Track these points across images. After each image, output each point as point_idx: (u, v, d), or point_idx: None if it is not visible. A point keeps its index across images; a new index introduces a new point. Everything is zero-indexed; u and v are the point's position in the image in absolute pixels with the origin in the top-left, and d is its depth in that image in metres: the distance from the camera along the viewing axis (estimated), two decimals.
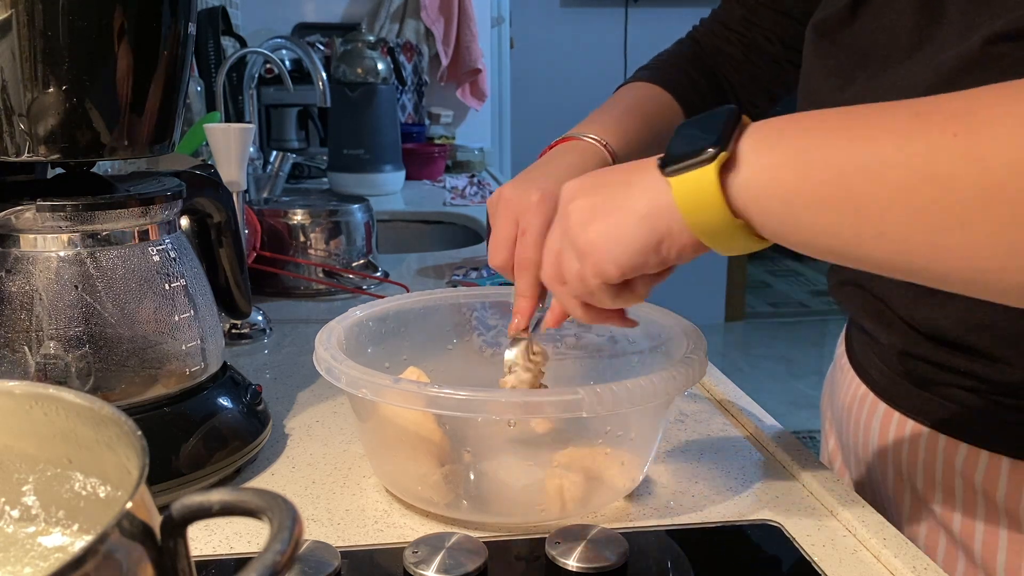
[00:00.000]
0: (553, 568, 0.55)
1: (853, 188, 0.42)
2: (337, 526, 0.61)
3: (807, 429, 3.04)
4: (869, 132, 0.43)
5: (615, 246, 0.51)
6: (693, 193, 0.47)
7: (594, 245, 0.52)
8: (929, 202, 0.40)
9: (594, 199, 0.53)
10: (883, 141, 0.42)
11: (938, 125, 0.40)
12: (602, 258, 0.52)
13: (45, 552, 0.37)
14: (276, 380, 0.90)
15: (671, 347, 0.68)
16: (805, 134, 0.45)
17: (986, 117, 0.39)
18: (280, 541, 0.27)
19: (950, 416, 0.67)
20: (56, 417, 0.36)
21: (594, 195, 0.53)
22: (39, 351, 0.61)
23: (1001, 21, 0.52)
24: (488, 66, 2.91)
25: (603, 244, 0.52)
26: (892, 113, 0.43)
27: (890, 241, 0.42)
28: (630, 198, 0.51)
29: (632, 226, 0.50)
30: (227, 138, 0.99)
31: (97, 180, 0.67)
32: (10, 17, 0.56)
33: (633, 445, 0.64)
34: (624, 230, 0.51)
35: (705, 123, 0.48)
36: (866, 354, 0.77)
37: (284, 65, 1.57)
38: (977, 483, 0.65)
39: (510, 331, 0.67)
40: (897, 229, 0.41)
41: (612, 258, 0.51)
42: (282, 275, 1.24)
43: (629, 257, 0.51)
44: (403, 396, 0.57)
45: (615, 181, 0.53)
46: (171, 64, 0.64)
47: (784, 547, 0.59)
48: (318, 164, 2.26)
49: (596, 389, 0.55)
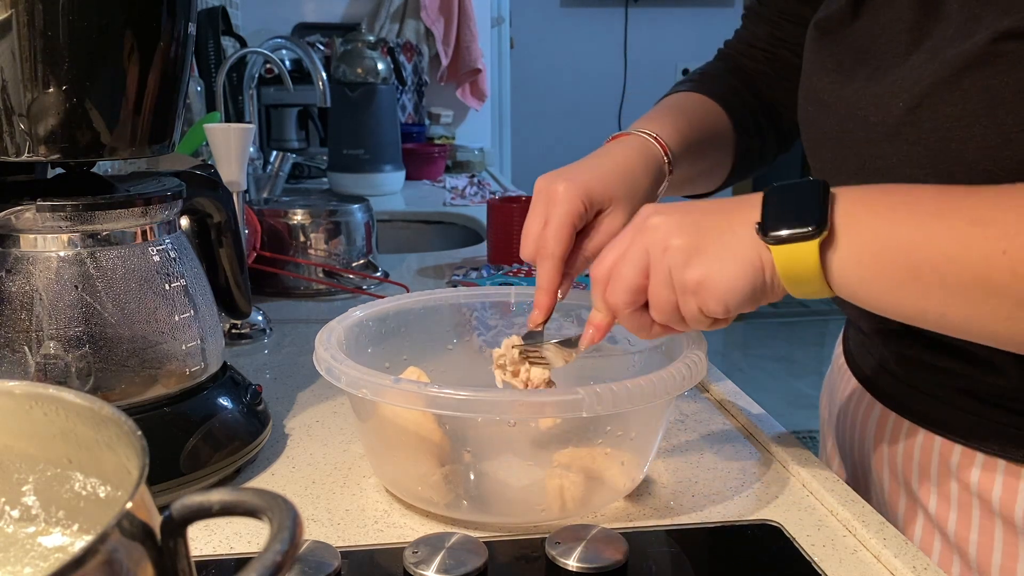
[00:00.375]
0: (553, 568, 0.55)
1: (922, 278, 0.50)
2: (337, 526, 0.61)
3: (807, 429, 3.04)
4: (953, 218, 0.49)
5: (728, 289, 0.55)
6: (794, 261, 0.53)
7: (705, 286, 0.55)
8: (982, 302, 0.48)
9: (699, 241, 0.56)
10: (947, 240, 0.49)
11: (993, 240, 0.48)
12: (712, 297, 0.55)
13: (45, 552, 0.37)
14: (276, 380, 0.90)
15: (671, 347, 0.68)
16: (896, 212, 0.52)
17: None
18: (280, 541, 0.27)
19: (946, 418, 0.67)
20: (56, 417, 0.36)
21: (698, 237, 0.56)
22: (39, 351, 0.61)
23: (1009, 19, 0.52)
24: (488, 66, 2.91)
25: (715, 286, 0.55)
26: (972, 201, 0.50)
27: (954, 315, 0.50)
28: (737, 247, 0.55)
29: (743, 276, 0.54)
30: (227, 138, 0.99)
31: (97, 180, 0.67)
32: (10, 17, 0.56)
33: (633, 445, 0.64)
34: (736, 278, 0.54)
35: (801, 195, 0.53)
36: (863, 355, 0.77)
37: (284, 65, 1.57)
38: (972, 484, 0.65)
39: (529, 324, 0.68)
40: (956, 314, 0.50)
41: (723, 299, 0.55)
42: (282, 275, 1.24)
43: (736, 301, 0.55)
44: (403, 396, 0.57)
45: (715, 226, 0.56)
46: (171, 64, 0.64)
47: (784, 547, 0.59)
48: (318, 164, 2.26)
49: (596, 389, 0.55)
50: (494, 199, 1.43)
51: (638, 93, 4.19)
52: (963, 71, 0.54)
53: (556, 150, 4.14)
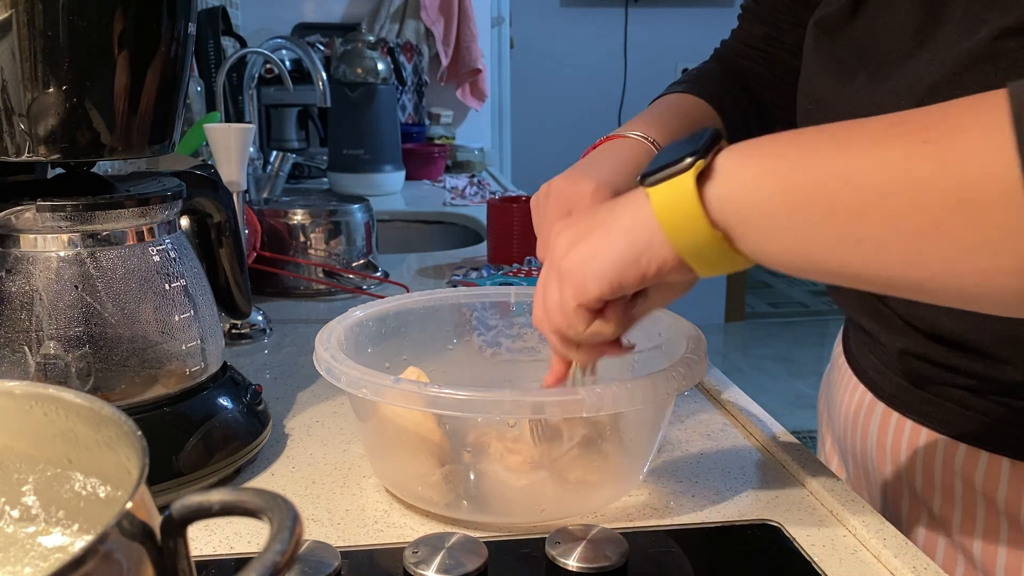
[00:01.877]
0: (553, 568, 0.55)
1: (831, 194, 0.43)
2: (337, 526, 0.61)
3: (807, 429, 3.04)
4: (845, 142, 0.43)
5: (595, 261, 0.51)
6: (671, 202, 0.47)
7: (574, 263, 0.52)
8: (905, 206, 0.41)
9: (579, 227, 0.53)
10: (859, 149, 0.42)
11: (912, 133, 0.41)
12: (583, 275, 0.51)
13: (45, 552, 0.37)
14: (276, 380, 0.90)
15: (671, 347, 0.68)
16: (783, 146, 0.46)
17: (958, 124, 0.40)
18: (280, 541, 0.27)
19: (950, 417, 0.67)
20: (56, 417, 0.36)
21: (579, 224, 0.53)
22: (39, 351, 0.61)
23: (1010, 16, 0.52)
24: (488, 66, 2.91)
25: (584, 260, 0.51)
26: (868, 125, 0.43)
27: (868, 249, 0.42)
28: (612, 216, 0.51)
29: (612, 240, 0.50)
30: (227, 138, 0.99)
31: (97, 180, 0.67)
32: (10, 17, 0.56)
33: (633, 445, 0.64)
34: (604, 245, 0.51)
35: (686, 140, 0.49)
36: (864, 354, 0.77)
37: (284, 65, 1.57)
38: (977, 484, 0.65)
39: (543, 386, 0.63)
40: (875, 235, 0.42)
41: (591, 271, 0.51)
42: (282, 275, 1.24)
43: (608, 270, 0.50)
44: (403, 396, 0.57)
45: (603, 209, 0.53)
46: (171, 64, 0.64)
47: (784, 547, 0.59)
48: (318, 164, 2.26)
49: (596, 389, 0.55)
50: (494, 199, 1.43)
51: (638, 93, 4.19)
52: (965, 70, 0.54)
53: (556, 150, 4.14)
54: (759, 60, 0.85)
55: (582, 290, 0.52)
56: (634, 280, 0.50)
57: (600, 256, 0.51)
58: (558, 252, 0.54)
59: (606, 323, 0.54)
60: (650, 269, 0.50)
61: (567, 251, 0.53)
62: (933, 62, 0.57)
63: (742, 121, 0.83)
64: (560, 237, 0.54)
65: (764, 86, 0.85)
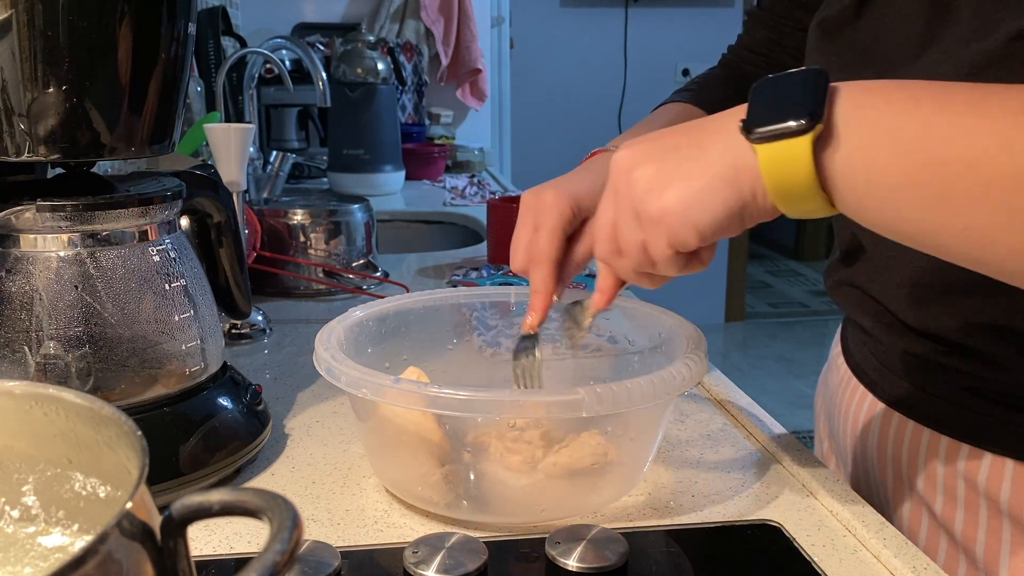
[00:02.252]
0: (553, 568, 0.55)
1: (947, 178, 0.41)
2: (337, 526, 0.61)
3: (807, 429, 3.04)
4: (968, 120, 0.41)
5: (697, 211, 0.48)
6: (783, 163, 0.45)
7: (670, 211, 0.49)
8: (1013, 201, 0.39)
9: (662, 164, 0.49)
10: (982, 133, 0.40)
11: None
12: (680, 224, 0.49)
13: (45, 552, 0.37)
14: (276, 380, 0.90)
15: (671, 347, 0.68)
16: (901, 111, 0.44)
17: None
18: (280, 541, 0.27)
19: (952, 418, 0.67)
20: (56, 417, 0.36)
21: (662, 160, 0.50)
22: (39, 351, 0.61)
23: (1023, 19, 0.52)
24: (488, 66, 2.91)
25: (682, 209, 0.48)
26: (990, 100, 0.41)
27: (976, 236, 0.41)
28: (708, 160, 0.48)
29: (715, 190, 0.47)
30: (227, 138, 0.99)
31: (97, 180, 0.67)
32: (10, 17, 0.56)
33: (633, 445, 0.64)
34: (706, 195, 0.48)
35: (794, 85, 0.46)
36: (864, 354, 0.77)
37: (284, 65, 1.57)
38: (980, 485, 0.65)
39: (523, 328, 0.66)
40: (987, 224, 0.40)
41: (693, 223, 0.48)
42: (282, 275, 1.24)
43: (713, 222, 0.48)
44: (403, 396, 0.57)
45: (684, 143, 0.50)
46: (171, 64, 0.64)
47: (784, 547, 0.59)
48: (318, 164, 2.26)
49: (596, 389, 0.55)
50: (494, 199, 1.43)
51: (638, 93, 4.19)
52: (979, 71, 0.54)
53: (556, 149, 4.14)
54: (763, 65, 0.85)
55: (679, 240, 0.50)
56: (736, 230, 0.49)
57: (703, 208, 0.48)
58: (640, 192, 0.50)
59: (699, 263, 0.52)
60: (751, 221, 0.48)
61: (656, 193, 0.49)
62: (943, 63, 0.57)
63: None
64: (638, 172, 0.50)
65: None
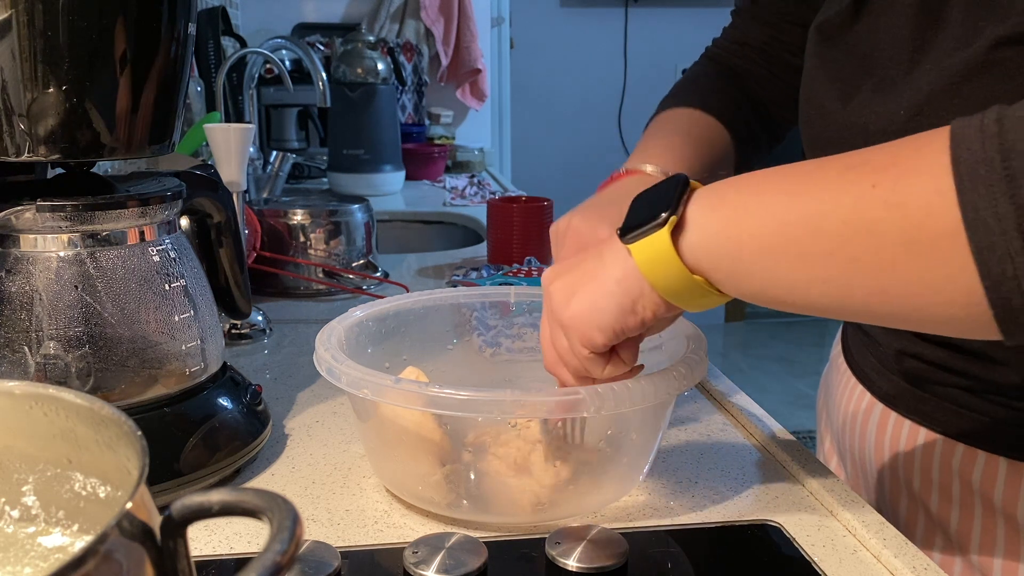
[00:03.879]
0: (553, 568, 0.55)
1: (794, 239, 0.46)
2: (337, 526, 0.61)
3: (807, 429, 3.04)
4: (804, 188, 0.46)
5: (596, 313, 0.54)
6: (651, 257, 0.50)
7: (576, 316, 0.55)
8: (861, 248, 0.43)
9: (571, 276, 0.56)
10: (816, 195, 0.45)
11: (864, 177, 0.43)
12: (586, 326, 0.54)
13: (45, 552, 0.37)
14: (276, 380, 0.90)
15: (671, 347, 0.68)
16: (746, 194, 0.49)
17: (905, 168, 0.42)
18: (280, 541, 0.27)
19: (947, 417, 0.67)
20: (56, 417, 0.36)
21: (570, 273, 0.56)
22: (39, 351, 0.61)
23: (1006, 25, 0.52)
24: (488, 66, 2.91)
25: (585, 313, 0.54)
26: (824, 169, 0.46)
27: (835, 287, 0.45)
28: (603, 268, 0.54)
29: (608, 293, 0.53)
30: (227, 138, 0.99)
31: (97, 180, 0.67)
32: (10, 17, 0.56)
33: (634, 445, 0.64)
34: (601, 297, 0.54)
35: (657, 193, 0.52)
36: (863, 354, 0.77)
37: (284, 65, 1.57)
38: (975, 484, 0.65)
39: None
40: (839, 275, 0.44)
41: (595, 324, 0.54)
42: (282, 275, 1.23)
43: (610, 321, 0.54)
44: (404, 396, 0.57)
45: (591, 257, 0.56)
46: (171, 64, 0.64)
47: (784, 547, 0.59)
48: (318, 164, 2.26)
49: (598, 389, 0.55)
50: (494, 199, 1.43)
51: (638, 93, 4.19)
52: (963, 79, 0.54)
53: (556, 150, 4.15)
54: (758, 61, 0.84)
55: (589, 341, 0.55)
56: (634, 326, 0.54)
57: (599, 309, 0.54)
58: (556, 304, 0.57)
59: (621, 363, 0.57)
60: (647, 314, 0.53)
61: (565, 304, 0.56)
62: (932, 71, 0.57)
63: (748, 132, 0.82)
64: (554, 287, 0.57)
65: (763, 85, 0.84)
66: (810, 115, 0.70)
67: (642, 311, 0.53)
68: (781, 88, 0.83)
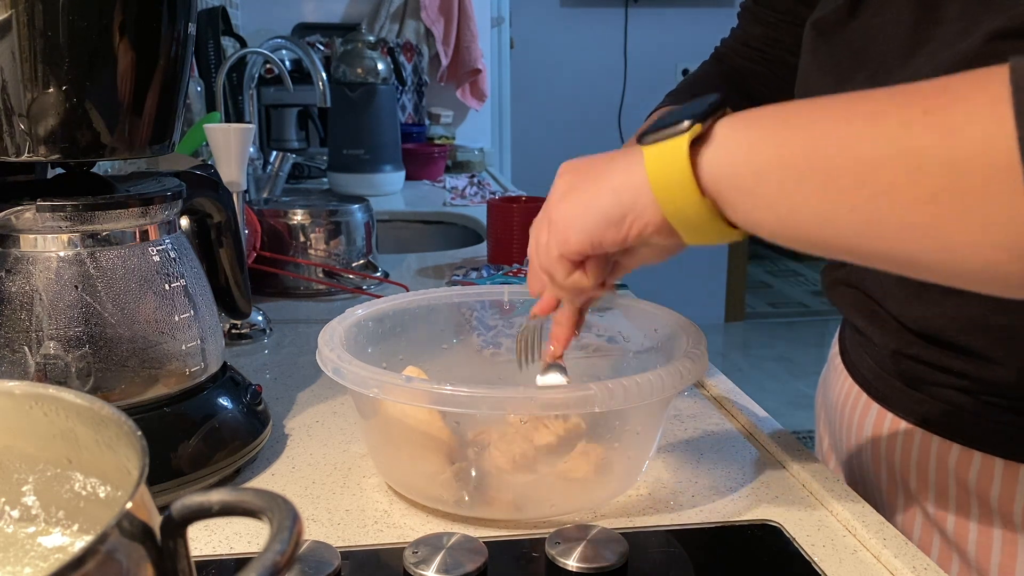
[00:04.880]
0: (553, 568, 0.55)
1: (827, 161, 0.42)
2: (337, 526, 0.61)
3: (807, 429, 3.04)
4: (847, 112, 0.43)
5: (580, 216, 0.52)
6: (663, 163, 0.47)
7: (562, 215, 0.53)
8: (901, 176, 0.40)
9: (576, 176, 0.54)
10: (857, 118, 0.42)
11: (914, 103, 0.40)
12: (567, 227, 0.52)
13: (45, 552, 0.37)
14: (276, 380, 0.90)
15: (669, 344, 0.68)
16: (783, 115, 0.46)
17: (959, 96, 0.40)
18: (280, 541, 0.27)
19: (943, 417, 0.67)
20: (56, 417, 0.36)
21: (577, 172, 0.54)
22: (39, 351, 0.61)
23: (1003, 18, 0.52)
24: (488, 66, 2.91)
25: (571, 214, 0.52)
26: (872, 96, 0.43)
27: (862, 218, 0.42)
28: (608, 172, 0.52)
29: (600, 197, 0.51)
30: (227, 138, 0.99)
31: (97, 180, 0.67)
32: (10, 17, 0.56)
33: (635, 441, 0.64)
34: (593, 200, 0.51)
35: (690, 105, 0.49)
36: (859, 354, 0.77)
37: (284, 65, 1.57)
38: (970, 484, 0.65)
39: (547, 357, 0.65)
40: (869, 204, 0.41)
41: (575, 226, 0.52)
42: (282, 275, 1.24)
43: (591, 227, 0.51)
44: (414, 395, 0.57)
45: (602, 159, 0.54)
46: (171, 64, 0.64)
47: (784, 547, 0.59)
48: (318, 164, 2.26)
49: (608, 384, 0.56)
50: (494, 199, 1.43)
51: (638, 93, 4.19)
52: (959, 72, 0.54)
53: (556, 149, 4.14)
54: (759, 60, 0.85)
55: (564, 242, 0.53)
56: (614, 239, 0.51)
57: (586, 212, 0.51)
58: (553, 196, 0.55)
59: (584, 276, 0.55)
60: (632, 230, 0.50)
61: (560, 199, 0.54)
62: (927, 64, 0.57)
63: None
64: (559, 180, 0.55)
65: (764, 85, 0.84)
66: None
67: (628, 225, 0.50)
68: (781, 87, 0.83)
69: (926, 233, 0.40)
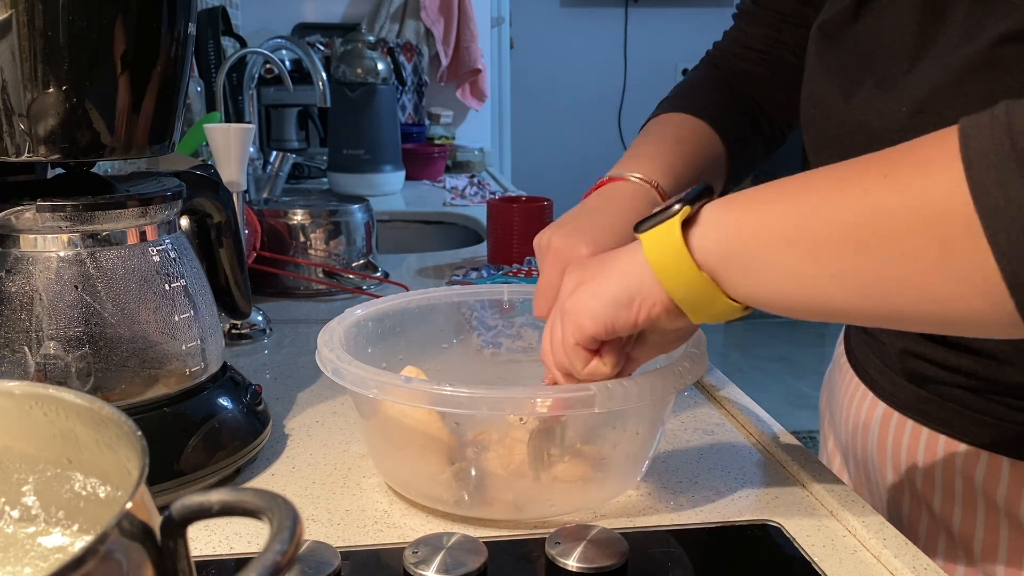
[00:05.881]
0: (553, 568, 0.55)
1: (807, 229, 0.46)
2: (337, 526, 0.61)
3: (807, 429, 3.04)
4: (816, 183, 0.47)
5: (591, 302, 0.54)
6: (659, 246, 0.51)
7: (575, 304, 0.55)
8: (873, 236, 0.43)
9: (583, 272, 0.57)
10: (828, 187, 0.46)
11: (875, 169, 0.44)
12: (580, 315, 0.55)
13: (45, 552, 0.37)
14: (276, 380, 0.90)
15: None
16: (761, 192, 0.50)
17: (914, 159, 0.43)
18: (280, 541, 0.27)
19: (950, 416, 0.67)
20: (56, 417, 0.36)
21: (584, 268, 0.57)
22: (39, 351, 0.61)
23: (1008, 21, 0.52)
24: (488, 66, 2.91)
25: (583, 302, 0.55)
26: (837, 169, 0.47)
27: (846, 281, 0.45)
28: (613, 261, 0.55)
29: (609, 283, 0.54)
30: (227, 138, 0.99)
31: (97, 180, 0.67)
32: (10, 17, 0.56)
33: (635, 442, 0.64)
34: (601, 287, 0.54)
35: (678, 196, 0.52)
36: (865, 354, 0.77)
37: (284, 65, 1.57)
38: (977, 483, 0.65)
39: None
40: (850, 266, 0.44)
41: (588, 312, 0.54)
42: (282, 275, 1.23)
43: (602, 310, 0.53)
44: (413, 395, 0.57)
45: (606, 255, 0.57)
46: (171, 64, 0.64)
47: (784, 547, 0.59)
48: (318, 164, 2.26)
49: (607, 384, 0.56)
50: (494, 199, 1.43)
51: (638, 93, 4.19)
52: (966, 76, 0.54)
53: (556, 149, 4.14)
54: (759, 62, 0.84)
55: (579, 329, 0.55)
56: (626, 322, 0.53)
57: (597, 297, 0.54)
58: (564, 292, 0.57)
59: (601, 363, 0.57)
60: (641, 312, 0.53)
61: (569, 294, 0.56)
62: (935, 68, 0.57)
63: (740, 138, 0.82)
64: (566, 279, 0.58)
65: (764, 87, 0.84)
66: (812, 114, 0.70)
67: (638, 307, 0.53)
68: (782, 89, 0.83)
69: (908, 286, 0.43)
